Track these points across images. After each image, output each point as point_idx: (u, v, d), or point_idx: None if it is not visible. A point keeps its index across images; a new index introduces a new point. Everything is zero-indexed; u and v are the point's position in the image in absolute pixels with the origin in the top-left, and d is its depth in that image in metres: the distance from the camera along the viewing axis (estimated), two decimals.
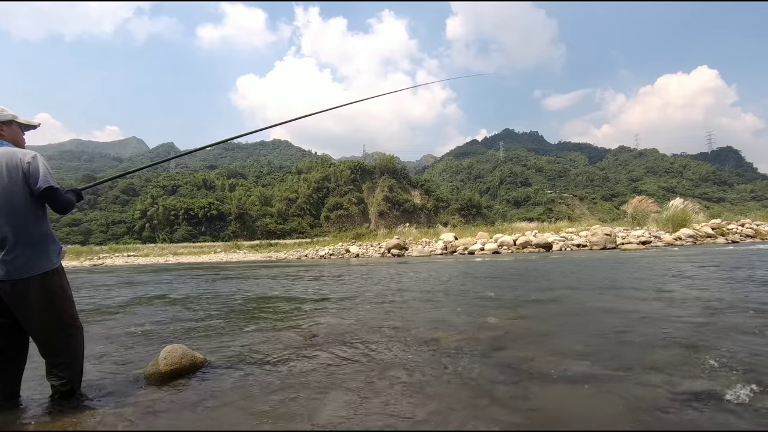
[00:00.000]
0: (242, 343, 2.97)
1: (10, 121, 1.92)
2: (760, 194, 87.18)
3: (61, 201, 1.89)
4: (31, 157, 1.83)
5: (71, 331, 1.93)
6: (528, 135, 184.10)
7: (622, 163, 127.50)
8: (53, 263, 1.88)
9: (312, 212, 77.61)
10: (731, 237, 15.36)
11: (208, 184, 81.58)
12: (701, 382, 1.82)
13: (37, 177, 1.80)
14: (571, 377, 1.97)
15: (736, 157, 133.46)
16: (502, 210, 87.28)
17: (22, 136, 2.00)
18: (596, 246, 14.58)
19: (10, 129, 1.93)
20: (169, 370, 2.21)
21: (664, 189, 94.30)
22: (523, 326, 3.15)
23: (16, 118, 1.94)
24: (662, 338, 2.58)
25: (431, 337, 2.89)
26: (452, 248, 16.76)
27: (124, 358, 2.73)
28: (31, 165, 1.81)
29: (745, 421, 1.47)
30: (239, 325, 3.66)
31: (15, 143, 1.93)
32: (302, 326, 3.48)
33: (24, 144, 1.99)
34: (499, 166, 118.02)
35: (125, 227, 65.12)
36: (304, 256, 20.77)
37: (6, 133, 1.90)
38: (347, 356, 2.50)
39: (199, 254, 31.55)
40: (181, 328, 3.65)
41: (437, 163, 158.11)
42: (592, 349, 2.43)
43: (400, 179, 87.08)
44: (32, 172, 1.81)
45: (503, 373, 2.08)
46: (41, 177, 1.80)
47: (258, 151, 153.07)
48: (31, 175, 1.80)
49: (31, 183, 1.80)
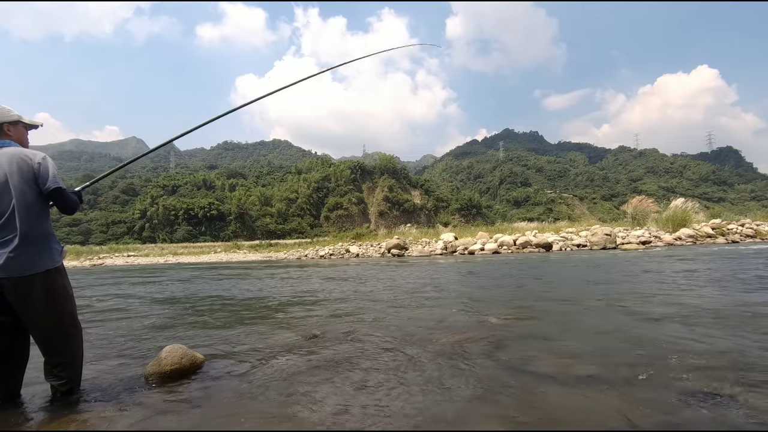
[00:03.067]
0: (242, 342, 2.97)
1: (16, 121, 1.96)
2: (760, 194, 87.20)
3: (68, 201, 1.96)
4: (42, 158, 1.89)
5: (71, 331, 1.94)
6: (528, 135, 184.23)
7: (622, 163, 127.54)
8: (56, 261, 1.90)
9: (312, 212, 77.62)
10: (731, 237, 15.35)
11: (208, 184, 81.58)
12: (701, 382, 1.82)
13: (47, 177, 1.86)
14: (572, 377, 1.97)
15: (736, 157, 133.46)
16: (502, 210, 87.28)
17: (27, 136, 2.05)
18: (596, 246, 14.58)
19: (17, 129, 1.97)
20: (169, 370, 2.21)
21: (664, 189, 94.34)
22: (523, 326, 3.15)
23: (21, 119, 1.99)
24: (662, 338, 2.58)
25: (431, 336, 2.89)
26: (452, 248, 16.76)
27: (124, 358, 2.73)
28: (42, 166, 1.87)
29: (745, 421, 1.47)
30: (239, 325, 3.66)
31: (21, 143, 1.97)
32: (302, 326, 3.48)
33: (28, 144, 2.03)
34: (499, 166, 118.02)
35: (125, 227, 65.14)
36: (304, 256, 20.76)
37: (13, 134, 1.95)
38: (347, 356, 2.50)
39: (199, 254, 31.54)
40: (181, 328, 3.65)
41: (437, 163, 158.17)
42: (593, 348, 2.43)
43: (400, 179, 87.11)
44: (42, 173, 1.86)
45: (503, 372, 2.08)
46: (50, 178, 1.87)
47: (258, 151, 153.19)
48: (40, 176, 1.86)
49: (41, 183, 1.86)
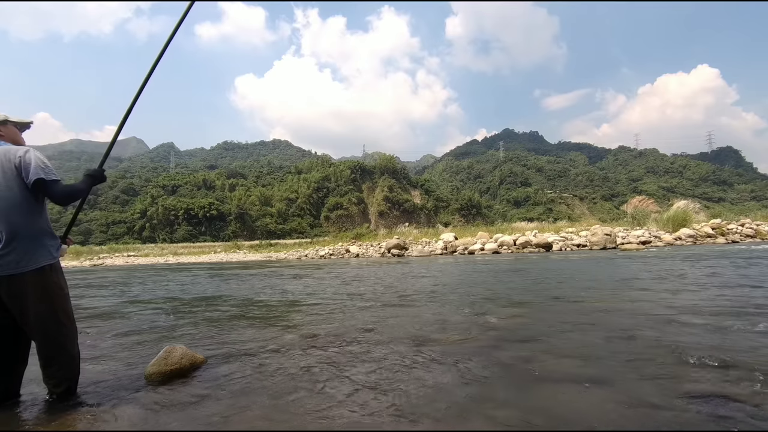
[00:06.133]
0: (242, 342, 2.97)
1: (4, 121, 1.94)
2: (760, 194, 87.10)
3: (57, 192, 1.85)
4: (24, 152, 1.84)
5: (67, 331, 1.91)
6: (528, 135, 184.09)
7: (622, 163, 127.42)
8: (53, 257, 1.87)
9: (312, 212, 77.55)
10: (731, 237, 15.36)
11: (208, 184, 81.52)
12: (701, 382, 1.82)
13: (29, 170, 1.80)
14: (572, 377, 1.97)
15: (736, 156, 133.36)
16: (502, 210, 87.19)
17: (21, 135, 2.03)
18: (596, 246, 14.58)
19: (8, 129, 1.96)
20: (169, 370, 2.22)
21: (664, 189, 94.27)
22: (523, 325, 3.15)
23: (9, 118, 1.96)
24: (662, 338, 2.58)
25: (431, 336, 2.89)
26: (452, 248, 16.76)
27: (124, 357, 2.73)
28: (23, 159, 1.81)
29: (745, 420, 1.47)
30: (239, 325, 3.66)
31: (14, 143, 1.95)
32: (302, 326, 3.48)
33: (23, 143, 2.02)
34: (499, 166, 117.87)
35: (125, 227, 65.03)
36: (304, 256, 20.76)
37: (5, 133, 1.94)
38: (347, 356, 2.50)
39: (199, 254, 31.56)
40: (181, 328, 3.65)
41: (437, 163, 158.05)
42: (593, 348, 2.43)
43: (400, 179, 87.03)
44: (24, 166, 1.81)
45: (503, 372, 2.08)
46: (32, 170, 1.80)
47: (258, 151, 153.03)
48: (23, 169, 1.81)
49: (24, 177, 1.81)
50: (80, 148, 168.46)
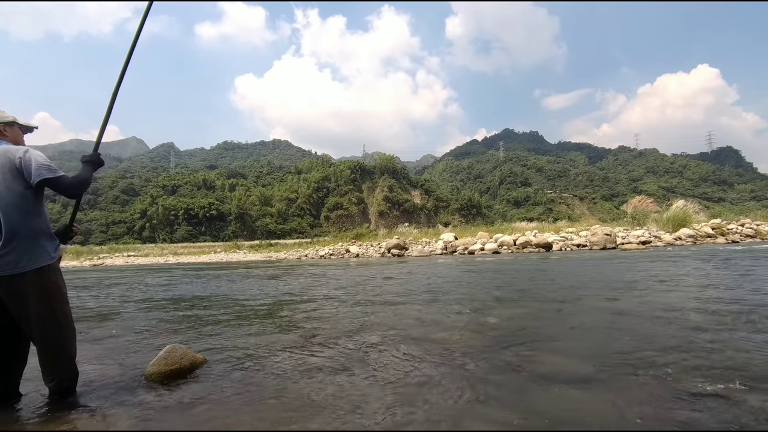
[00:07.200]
0: (242, 343, 2.97)
1: (12, 122, 1.98)
2: (760, 194, 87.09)
3: (66, 185, 1.87)
4: (23, 152, 1.85)
5: (65, 331, 1.91)
6: (528, 135, 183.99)
7: (622, 163, 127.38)
8: (51, 258, 1.88)
9: (312, 212, 77.54)
10: (731, 237, 15.36)
11: (208, 184, 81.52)
12: (701, 382, 1.82)
13: (30, 171, 1.81)
14: (571, 377, 1.97)
15: (736, 156, 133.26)
16: (502, 210, 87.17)
17: (23, 137, 2.06)
18: (596, 246, 14.58)
19: (13, 130, 1.98)
20: (169, 370, 2.22)
21: (664, 189, 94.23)
22: (523, 326, 3.15)
23: (17, 120, 2.00)
24: (662, 338, 2.58)
25: (431, 336, 2.89)
26: (452, 248, 16.76)
27: (125, 358, 2.73)
28: (23, 160, 1.82)
29: (746, 421, 1.47)
30: (239, 326, 3.66)
31: (15, 143, 1.97)
32: (302, 326, 3.48)
33: (23, 144, 2.03)
34: (499, 166, 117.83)
35: (125, 227, 65.04)
36: (304, 256, 20.76)
37: (9, 134, 1.96)
38: (347, 356, 2.50)
39: (199, 254, 31.56)
40: (181, 329, 3.65)
41: (437, 163, 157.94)
42: (593, 348, 2.43)
43: (400, 179, 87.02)
44: (25, 167, 1.82)
45: (503, 372, 2.08)
46: (35, 171, 1.81)
47: (258, 151, 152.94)
48: (24, 169, 1.81)
49: (27, 177, 1.82)
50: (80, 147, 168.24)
